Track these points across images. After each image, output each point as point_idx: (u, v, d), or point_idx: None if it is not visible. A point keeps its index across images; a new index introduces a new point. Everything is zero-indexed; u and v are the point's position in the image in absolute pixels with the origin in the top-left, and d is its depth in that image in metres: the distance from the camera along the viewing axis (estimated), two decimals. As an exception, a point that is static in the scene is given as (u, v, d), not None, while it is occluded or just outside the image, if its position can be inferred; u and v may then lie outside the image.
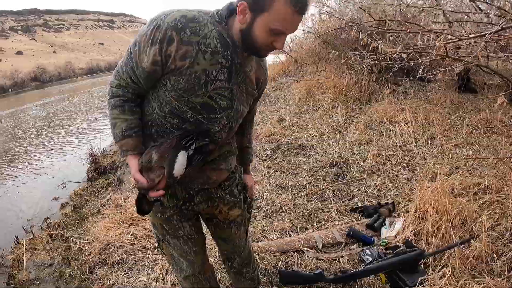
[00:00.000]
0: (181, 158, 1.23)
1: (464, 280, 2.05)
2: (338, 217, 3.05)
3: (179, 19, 1.19)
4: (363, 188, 3.48)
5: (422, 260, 2.23)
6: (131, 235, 3.08)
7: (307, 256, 2.51)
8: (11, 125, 14.66)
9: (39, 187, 6.38)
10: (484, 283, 2.01)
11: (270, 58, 14.06)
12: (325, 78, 6.79)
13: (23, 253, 3.44)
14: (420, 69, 2.52)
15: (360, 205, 3.16)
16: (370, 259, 2.35)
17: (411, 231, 2.57)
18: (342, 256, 2.49)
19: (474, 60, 2.71)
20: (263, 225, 2.95)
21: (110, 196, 4.31)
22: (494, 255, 2.21)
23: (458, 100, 5.20)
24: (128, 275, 2.64)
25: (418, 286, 2.06)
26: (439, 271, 2.14)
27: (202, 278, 1.68)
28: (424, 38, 2.67)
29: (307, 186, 3.64)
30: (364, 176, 3.70)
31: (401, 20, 4.53)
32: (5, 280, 3.25)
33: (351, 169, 3.90)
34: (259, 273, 2.06)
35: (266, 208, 3.26)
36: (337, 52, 4.38)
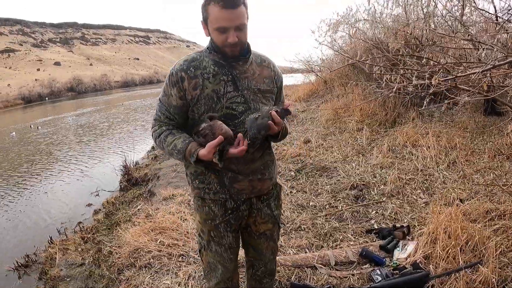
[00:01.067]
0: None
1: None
2: (354, 237, 3.19)
3: (183, 63, 1.60)
4: (380, 210, 3.60)
5: (428, 283, 2.34)
6: (159, 242, 3.36)
7: (320, 272, 2.68)
8: (51, 131, 15.63)
9: (74, 192, 6.91)
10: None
11: (299, 78, 14.37)
12: (352, 100, 6.93)
13: (56, 252, 3.79)
14: (425, 102, 2.67)
15: (376, 227, 3.29)
16: (380, 279, 2.48)
17: (421, 254, 2.67)
18: (353, 275, 2.63)
19: (480, 91, 2.84)
20: (281, 241, 3.14)
21: (141, 206, 4.62)
22: (502, 281, 2.28)
23: (483, 123, 5.20)
24: (154, 278, 2.90)
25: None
26: (444, 294, 2.24)
27: (230, 284, 1.89)
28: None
29: (327, 207, 3.81)
30: (383, 199, 3.81)
31: (425, 45, 4.68)
32: (37, 275, 3.61)
33: (371, 191, 4.02)
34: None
35: (286, 225, 3.45)
36: (362, 81, 4.58)
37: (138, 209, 4.57)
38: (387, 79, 3.93)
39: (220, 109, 1.58)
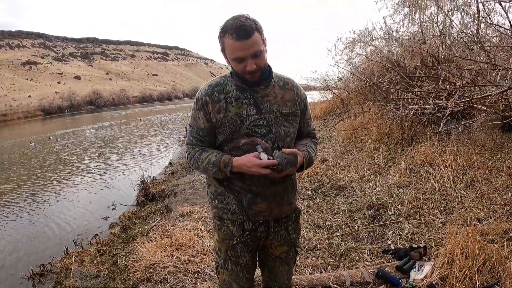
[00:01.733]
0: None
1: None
2: (370, 258, 3.19)
3: (207, 88, 1.69)
4: (397, 231, 3.59)
5: (444, 303, 2.34)
6: (175, 258, 3.43)
7: (335, 293, 2.69)
8: (70, 143, 16.10)
9: (91, 205, 7.04)
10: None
11: (316, 96, 14.43)
12: (369, 119, 6.95)
13: (71, 263, 3.89)
14: (442, 124, 2.70)
15: (393, 248, 3.29)
16: (396, 300, 2.49)
17: (438, 275, 2.66)
18: (368, 295, 2.65)
19: (496, 110, 2.86)
20: (297, 261, 3.16)
21: (158, 222, 4.72)
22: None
23: (501, 140, 5.14)
24: (169, 293, 2.94)
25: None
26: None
27: None
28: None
29: (343, 227, 3.82)
30: (400, 219, 3.80)
31: (439, 65, 4.71)
32: (52, 285, 3.72)
33: (388, 211, 4.02)
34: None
35: (302, 245, 3.47)
36: (379, 100, 4.63)
37: (155, 225, 4.67)
38: (404, 100, 3.98)
39: (244, 132, 1.65)
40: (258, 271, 2.04)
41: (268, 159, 1.56)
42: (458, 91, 3.49)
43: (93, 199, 7.45)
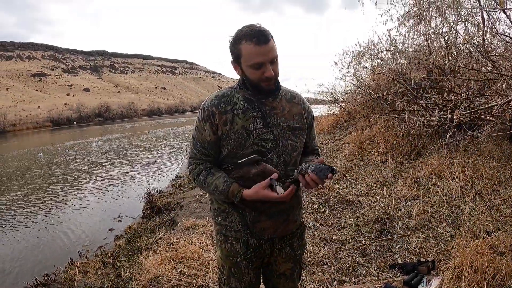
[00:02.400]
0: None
1: None
2: (377, 272, 3.14)
3: (214, 98, 1.63)
4: (405, 245, 3.53)
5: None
6: (179, 271, 3.42)
7: (341, 309, 2.65)
8: (78, 154, 16.31)
9: (97, 216, 7.13)
10: None
11: (323, 110, 14.42)
12: (376, 132, 6.92)
13: (75, 274, 3.90)
14: (448, 135, 2.68)
15: (400, 262, 3.23)
16: (403, 315, 2.43)
17: (447, 290, 2.61)
18: (376, 311, 2.59)
19: (503, 121, 2.83)
20: (303, 276, 3.13)
21: (163, 235, 4.71)
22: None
23: (510, 151, 5.05)
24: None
25: None
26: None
27: None
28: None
29: (350, 241, 3.77)
30: (408, 233, 3.74)
31: (445, 78, 4.69)
32: None
33: (396, 225, 3.97)
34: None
35: (308, 260, 3.44)
36: (386, 112, 4.61)
37: (160, 237, 4.67)
38: (409, 112, 3.96)
39: (250, 145, 1.60)
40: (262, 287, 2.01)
41: (282, 187, 1.55)
42: (464, 102, 3.47)
43: (99, 211, 7.54)
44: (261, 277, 1.93)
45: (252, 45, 1.49)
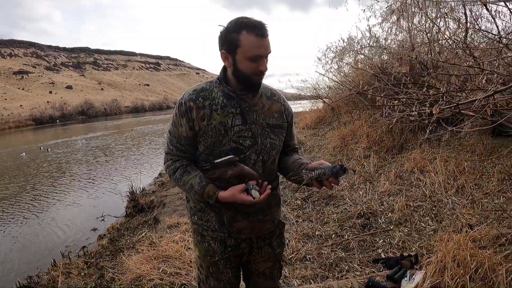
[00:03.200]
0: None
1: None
2: (360, 267, 3.11)
3: (192, 92, 1.57)
4: (388, 239, 3.51)
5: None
6: (161, 271, 3.35)
7: (324, 306, 2.60)
8: (61, 153, 16.13)
9: (80, 216, 7.00)
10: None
11: (307, 105, 14.44)
12: (359, 127, 6.92)
13: (58, 275, 3.81)
14: (428, 130, 2.66)
15: (383, 256, 3.21)
16: (386, 310, 2.40)
17: (430, 284, 2.58)
18: (359, 307, 2.55)
19: (484, 116, 2.82)
20: (285, 272, 3.08)
21: (146, 234, 4.63)
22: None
23: (492, 145, 5.10)
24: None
25: None
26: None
27: None
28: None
29: (333, 236, 3.73)
30: (391, 227, 3.73)
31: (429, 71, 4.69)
32: None
33: (378, 220, 3.95)
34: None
35: (291, 256, 3.39)
36: (368, 108, 4.58)
37: (143, 236, 4.60)
38: (389, 107, 3.94)
39: (227, 142, 1.55)
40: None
41: (258, 191, 1.49)
42: (443, 97, 3.45)
43: (82, 210, 7.42)
44: (241, 276, 1.87)
45: (254, 36, 1.43)
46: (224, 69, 1.59)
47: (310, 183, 1.54)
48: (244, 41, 1.44)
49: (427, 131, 2.97)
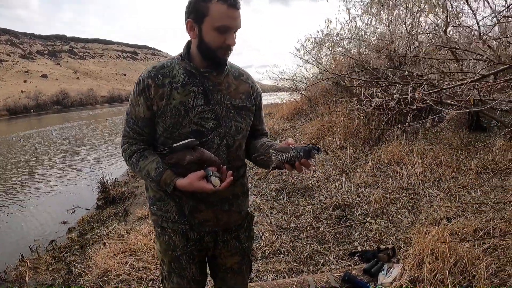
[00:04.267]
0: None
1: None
2: (336, 261, 2.99)
3: (151, 69, 1.41)
4: (364, 232, 3.41)
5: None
6: (128, 265, 3.15)
7: (298, 301, 2.45)
8: (34, 144, 15.62)
9: (50, 208, 6.66)
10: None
11: (284, 97, 14.32)
12: (336, 118, 6.83)
13: (26, 271, 3.59)
14: (408, 118, 2.55)
15: (360, 249, 3.09)
16: (363, 306, 2.27)
17: (408, 278, 2.48)
18: (335, 302, 2.42)
19: (466, 105, 2.72)
20: (259, 266, 2.93)
21: (115, 227, 4.44)
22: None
23: (468, 139, 5.10)
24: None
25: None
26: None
27: None
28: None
29: (308, 229, 3.60)
30: (367, 220, 3.63)
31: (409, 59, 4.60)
32: None
33: (355, 212, 3.84)
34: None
35: (264, 249, 3.23)
36: (346, 98, 4.46)
37: (112, 229, 4.38)
38: (368, 94, 3.82)
39: (188, 124, 1.39)
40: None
41: (219, 178, 1.32)
42: (426, 82, 3.34)
43: (52, 203, 7.07)
44: (207, 272, 1.70)
45: (226, 6, 1.30)
46: (188, 45, 1.45)
47: (280, 166, 1.37)
48: (213, 10, 1.30)
49: (408, 118, 2.84)
